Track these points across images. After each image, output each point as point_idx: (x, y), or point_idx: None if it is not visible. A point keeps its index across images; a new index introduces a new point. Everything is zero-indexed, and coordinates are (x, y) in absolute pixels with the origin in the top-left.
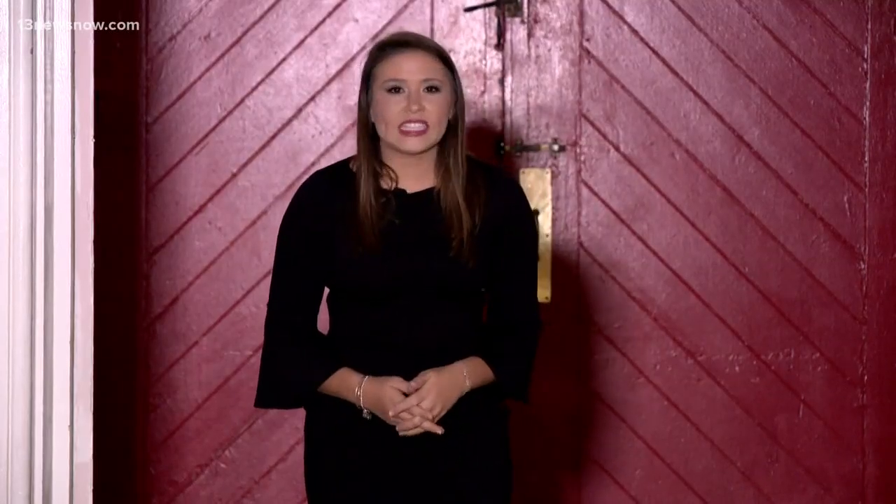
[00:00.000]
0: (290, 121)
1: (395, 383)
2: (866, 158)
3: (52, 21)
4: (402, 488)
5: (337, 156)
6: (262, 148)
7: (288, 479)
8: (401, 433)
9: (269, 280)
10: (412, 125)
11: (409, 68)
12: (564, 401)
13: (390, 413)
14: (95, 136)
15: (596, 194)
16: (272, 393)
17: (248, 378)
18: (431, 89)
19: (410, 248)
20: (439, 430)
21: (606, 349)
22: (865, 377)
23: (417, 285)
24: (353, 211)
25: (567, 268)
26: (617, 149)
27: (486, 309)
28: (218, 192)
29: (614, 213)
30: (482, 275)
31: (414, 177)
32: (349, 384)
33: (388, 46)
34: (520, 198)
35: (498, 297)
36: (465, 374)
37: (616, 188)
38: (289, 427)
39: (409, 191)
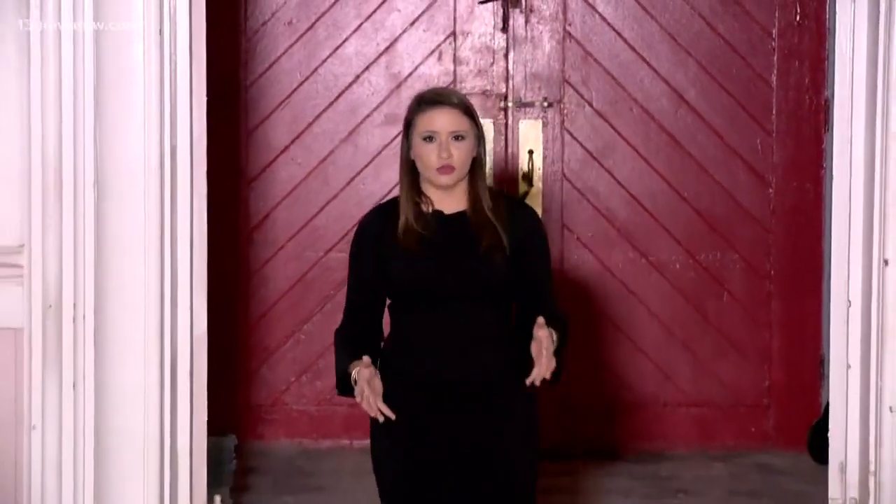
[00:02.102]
0: (350, 85)
1: (366, 369)
2: (773, 112)
3: (175, 9)
4: (445, 445)
5: (384, 110)
6: (330, 104)
7: None
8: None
9: (335, 202)
10: (443, 168)
11: (441, 123)
12: None
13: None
14: (207, 96)
15: (575, 139)
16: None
17: (319, 274)
18: (458, 138)
19: (448, 257)
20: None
21: (583, 252)
22: (772, 272)
23: (455, 288)
24: (401, 232)
25: (553, 192)
26: (590, 105)
27: (514, 314)
28: (297, 137)
29: (588, 152)
30: (508, 275)
31: (449, 202)
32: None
33: (425, 103)
34: (536, 220)
35: (527, 302)
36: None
37: (590, 134)
38: None
39: (445, 212)
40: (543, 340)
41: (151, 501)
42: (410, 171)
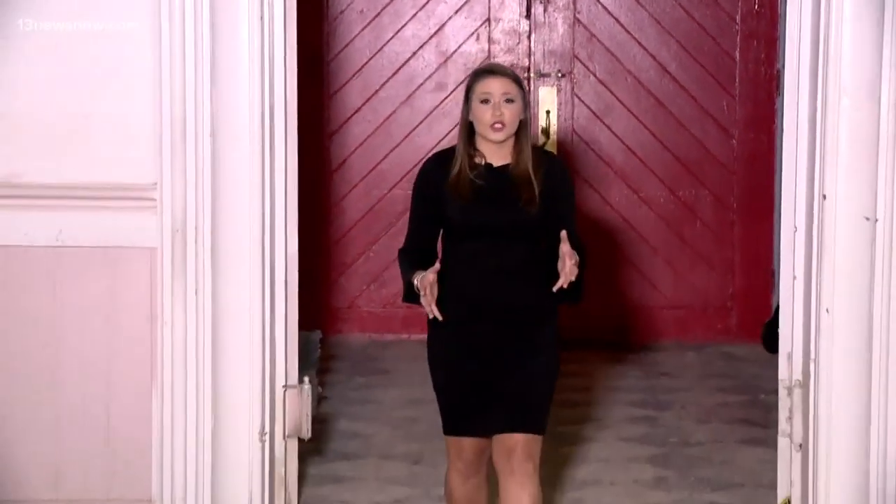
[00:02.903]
0: (407, 60)
1: (431, 272)
2: (737, 80)
3: (273, 1)
4: (483, 360)
5: (434, 79)
6: (392, 75)
7: None
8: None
9: (396, 151)
10: (496, 125)
11: (495, 87)
12: None
13: (417, 282)
14: (297, 67)
15: (582, 101)
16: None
17: (384, 206)
18: (509, 101)
19: (493, 202)
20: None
21: (588, 190)
22: (735, 205)
23: (497, 227)
24: (456, 178)
25: (565, 143)
26: (594, 75)
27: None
28: (367, 100)
29: (593, 112)
30: (541, 220)
31: (497, 156)
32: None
33: (483, 72)
34: (564, 169)
35: (555, 237)
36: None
37: (593, 98)
38: None
39: (494, 164)
40: (567, 252)
41: (256, 380)
42: (468, 130)
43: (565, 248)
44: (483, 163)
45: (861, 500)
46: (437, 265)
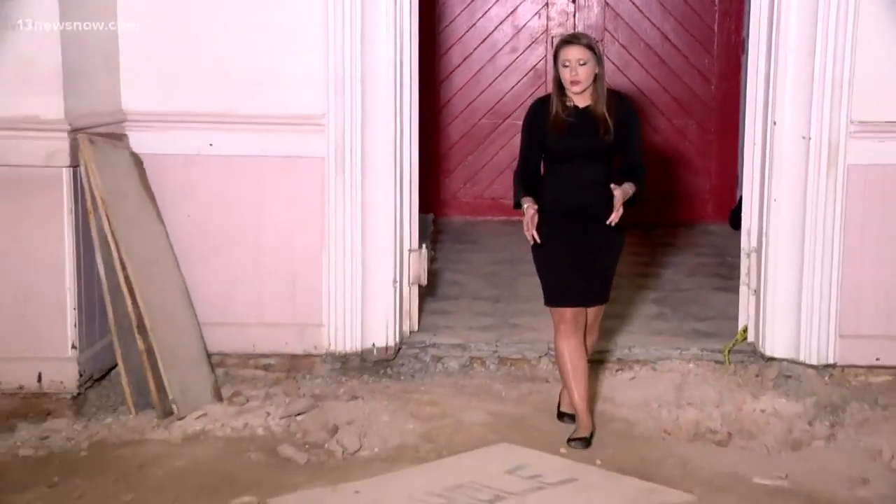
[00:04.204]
0: (491, 32)
1: (533, 206)
2: (715, 44)
3: None
4: (576, 250)
5: (510, 45)
6: (481, 42)
7: (492, 170)
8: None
9: (483, 95)
10: (573, 83)
11: (571, 54)
12: None
13: (525, 207)
14: (419, 36)
15: (609, 59)
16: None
17: (475, 132)
18: (582, 63)
19: (579, 133)
20: (616, 218)
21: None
22: (712, 129)
23: (582, 151)
24: (552, 117)
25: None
26: (618, 42)
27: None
28: (464, 59)
29: (617, 67)
30: (615, 147)
31: (580, 100)
32: (526, 200)
33: (563, 42)
34: (633, 110)
35: (624, 157)
36: (630, 187)
37: (617, 57)
38: (493, 148)
39: (579, 106)
40: (617, 197)
41: (390, 245)
42: (558, 83)
43: (617, 192)
44: (572, 105)
45: (793, 326)
46: (536, 206)
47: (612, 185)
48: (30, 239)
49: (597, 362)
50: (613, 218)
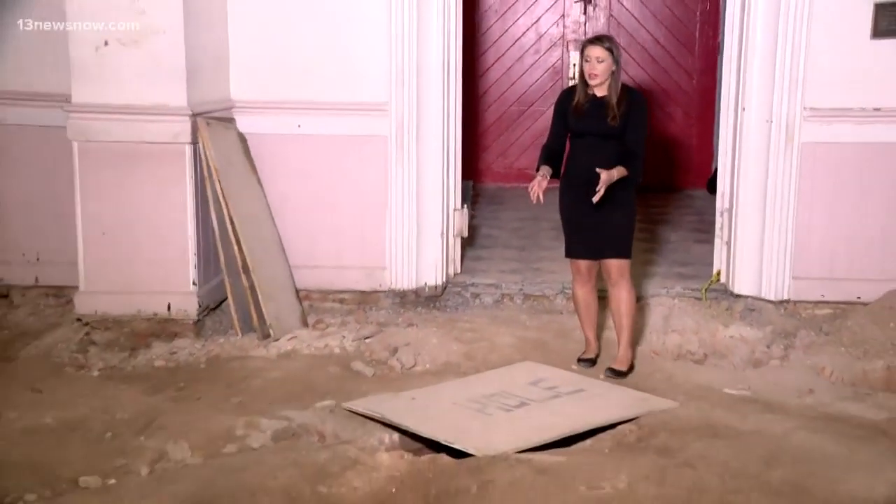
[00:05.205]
0: (519, 38)
1: (544, 175)
2: (696, 46)
3: None
4: (583, 212)
5: (534, 48)
6: (511, 45)
7: (519, 147)
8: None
9: (512, 87)
10: (591, 76)
11: (591, 53)
12: None
13: (540, 174)
14: (462, 39)
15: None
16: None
17: (506, 117)
18: (600, 61)
19: (594, 117)
20: (598, 197)
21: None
22: (693, 115)
23: (595, 131)
24: (575, 103)
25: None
26: (620, 45)
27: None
28: (498, 58)
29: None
30: (619, 130)
31: (599, 90)
32: (543, 168)
33: (586, 43)
34: (640, 102)
35: (626, 140)
36: (617, 171)
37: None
38: (520, 129)
39: (597, 96)
40: (603, 179)
41: (439, 205)
42: (582, 76)
43: (603, 175)
44: (591, 94)
45: (756, 270)
46: (548, 174)
47: (598, 169)
48: (162, 199)
49: (602, 299)
50: (595, 198)
